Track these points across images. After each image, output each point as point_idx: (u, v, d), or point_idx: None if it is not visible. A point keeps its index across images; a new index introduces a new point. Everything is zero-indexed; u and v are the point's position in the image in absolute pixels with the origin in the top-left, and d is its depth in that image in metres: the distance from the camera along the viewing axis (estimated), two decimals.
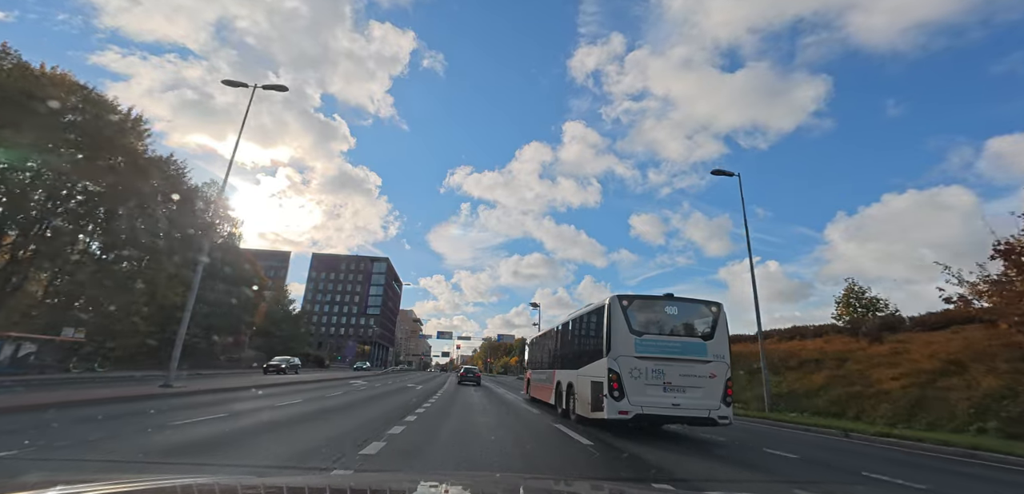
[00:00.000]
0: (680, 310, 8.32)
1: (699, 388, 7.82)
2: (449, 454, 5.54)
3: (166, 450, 5.04)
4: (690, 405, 7.72)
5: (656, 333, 8.04)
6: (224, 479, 1.56)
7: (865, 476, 6.03)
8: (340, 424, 7.71)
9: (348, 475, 3.94)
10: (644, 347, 7.85)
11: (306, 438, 6.23)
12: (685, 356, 7.91)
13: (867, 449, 8.74)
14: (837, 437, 10.49)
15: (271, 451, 5.20)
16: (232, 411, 8.74)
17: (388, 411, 9.84)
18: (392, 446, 5.60)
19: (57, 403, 8.22)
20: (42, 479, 3.73)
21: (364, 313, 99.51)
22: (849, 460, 7.30)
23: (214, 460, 4.59)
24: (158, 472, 3.97)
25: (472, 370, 29.37)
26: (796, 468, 6.40)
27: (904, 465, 7.01)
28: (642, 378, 7.72)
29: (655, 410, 7.63)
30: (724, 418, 7.77)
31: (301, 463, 4.56)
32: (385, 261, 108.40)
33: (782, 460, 6.90)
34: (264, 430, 6.92)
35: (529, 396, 16.45)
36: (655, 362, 7.80)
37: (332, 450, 5.25)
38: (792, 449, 8.04)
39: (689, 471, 5.47)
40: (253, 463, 4.54)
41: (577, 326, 10.78)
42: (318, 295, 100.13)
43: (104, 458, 4.38)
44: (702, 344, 8.04)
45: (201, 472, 4.03)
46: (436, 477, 3.38)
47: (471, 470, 4.59)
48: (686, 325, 8.25)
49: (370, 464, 4.63)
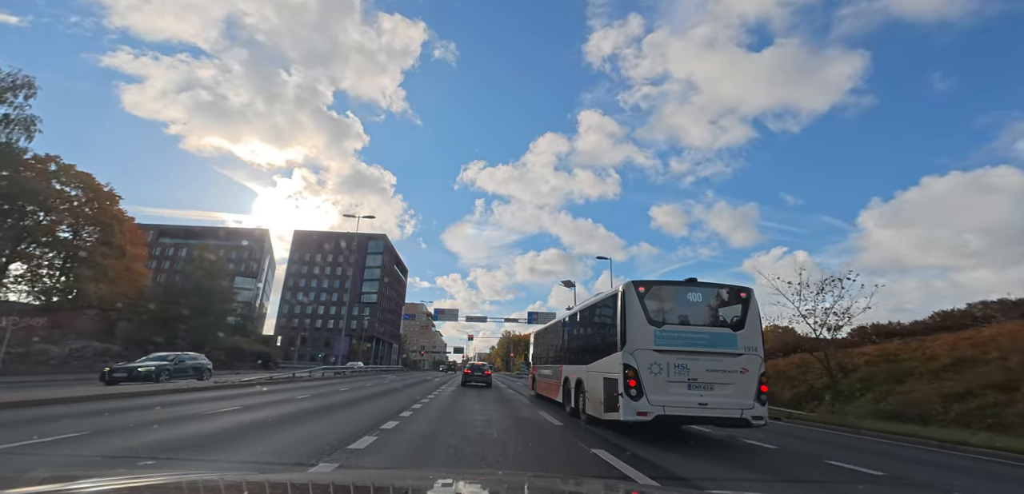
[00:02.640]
0: (704, 297, 8.76)
1: (729, 384, 8.29)
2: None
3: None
4: (719, 404, 8.21)
5: (678, 323, 8.51)
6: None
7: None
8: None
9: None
10: (664, 339, 8.34)
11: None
12: (712, 349, 8.38)
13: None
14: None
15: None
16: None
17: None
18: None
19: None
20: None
21: (358, 301, 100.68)
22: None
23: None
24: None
25: (480, 368, 28.66)
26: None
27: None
28: (663, 374, 8.23)
29: (679, 410, 8.15)
30: (759, 419, 8.25)
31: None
32: (382, 239, 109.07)
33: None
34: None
35: (534, 393, 18.05)
36: (677, 356, 8.29)
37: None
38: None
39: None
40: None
41: (587, 317, 11.44)
42: (301, 281, 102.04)
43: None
44: (731, 335, 8.49)
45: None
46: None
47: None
48: (712, 314, 8.70)
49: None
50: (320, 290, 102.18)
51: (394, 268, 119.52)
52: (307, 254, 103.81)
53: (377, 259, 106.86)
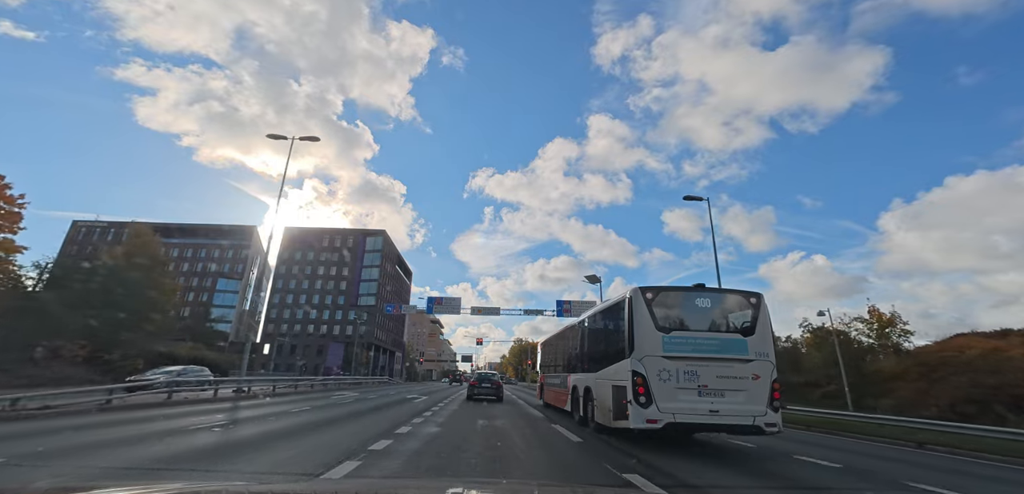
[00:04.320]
0: (713, 302, 9.70)
1: (741, 391, 9.20)
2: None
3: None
4: (731, 411, 9.12)
5: (686, 329, 9.43)
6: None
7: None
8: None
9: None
10: (673, 345, 9.27)
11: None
12: (722, 355, 9.30)
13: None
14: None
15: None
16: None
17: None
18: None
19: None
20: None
21: (355, 304, 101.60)
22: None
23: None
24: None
25: (489, 377, 26.06)
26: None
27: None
28: (672, 381, 9.16)
29: (690, 418, 9.07)
30: (772, 426, 9.14)
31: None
32: (380, 235, 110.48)
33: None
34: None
35: (543, 402, 19.97)
36: (687, 363, 9.22)
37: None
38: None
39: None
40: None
41: (594, 324, 12.52)
42: (292, 283, 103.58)
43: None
44: (742, 341, 9.40)
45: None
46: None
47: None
48: (722, 319, 9.63)
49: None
50: (312, 293, 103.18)
51: (396, 269, 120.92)
52: (298, 253, 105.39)
53: (375, 257, 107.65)
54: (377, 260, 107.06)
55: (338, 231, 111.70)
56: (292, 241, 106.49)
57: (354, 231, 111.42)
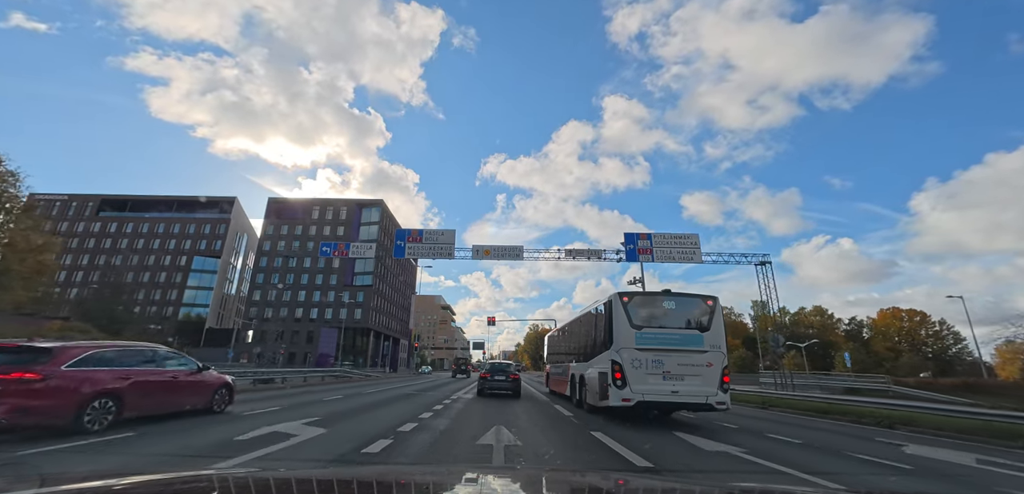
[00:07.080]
0: (677, 304, 14.62)
1: (697, 376, 14.15)
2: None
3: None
4: (688, 392, 14.09)
5: (655, 326, 14.36)
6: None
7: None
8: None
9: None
10: (644, 340, 14.23)
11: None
12: (683, 347, 14.26)
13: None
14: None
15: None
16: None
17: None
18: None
19: None
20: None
21: (350, 284, 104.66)
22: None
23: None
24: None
25: (503, 368, 26.17)
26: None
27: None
28: (643, 368, 14.13)
29: (655, 397, 14.07)
30: (722, 404, 14.11)
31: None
32: (378, 205, 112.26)
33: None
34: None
35: (549, 389, 27.51)
36: (655, 353, 14.19)
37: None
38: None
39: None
40: None
41: (585, 322, 17.90)
42: (277, 262, 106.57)
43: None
44: (699, 336, 14.34)
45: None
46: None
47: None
48: (684, 318, 14.52)
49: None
50: (298, 272, 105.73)
51: (397, 246, 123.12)
52: (284, 227, 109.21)
53: (372, 231, 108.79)
54: (375, 233, 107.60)
55: (330, 201, 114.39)
56: (278, 214, 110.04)
57: (347, 201, 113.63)
